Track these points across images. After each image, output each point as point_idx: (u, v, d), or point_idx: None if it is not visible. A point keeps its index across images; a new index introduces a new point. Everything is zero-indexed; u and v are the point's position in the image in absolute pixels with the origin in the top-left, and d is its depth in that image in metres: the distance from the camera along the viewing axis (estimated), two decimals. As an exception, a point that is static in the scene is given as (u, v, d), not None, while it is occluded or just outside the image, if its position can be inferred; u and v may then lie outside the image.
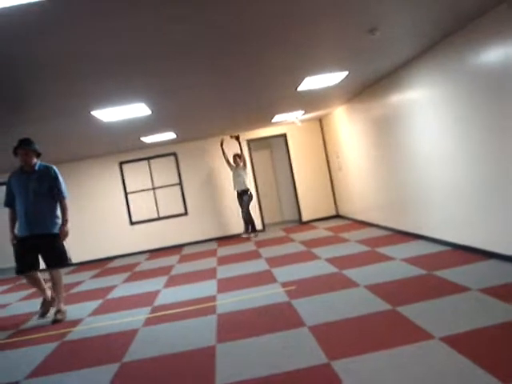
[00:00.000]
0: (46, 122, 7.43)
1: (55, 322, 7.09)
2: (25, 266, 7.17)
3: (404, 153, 8.56)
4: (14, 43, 3.88)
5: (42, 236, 7.13)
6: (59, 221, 7.32)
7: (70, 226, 7.44)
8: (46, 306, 7.53)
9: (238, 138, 12.77)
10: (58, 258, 7.43)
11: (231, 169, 13.04)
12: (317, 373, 3.90)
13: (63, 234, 7.34)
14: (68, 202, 7.41)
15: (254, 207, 13.78)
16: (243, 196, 12.92)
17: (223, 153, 12.97)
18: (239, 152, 12.97)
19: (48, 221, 7.17)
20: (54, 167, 7.28)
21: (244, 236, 13.29)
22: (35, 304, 8.65)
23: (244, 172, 12.83)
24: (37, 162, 7.16)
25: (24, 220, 7.07)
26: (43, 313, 7.49)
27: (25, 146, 6.98)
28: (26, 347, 6.14)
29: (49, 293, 7.53)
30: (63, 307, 7.33)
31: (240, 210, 13.22)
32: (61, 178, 7.29)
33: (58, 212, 7.34)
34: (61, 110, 6.79)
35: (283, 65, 6.28)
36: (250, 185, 13.50)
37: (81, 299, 8.55)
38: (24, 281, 8.04)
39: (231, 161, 13.14)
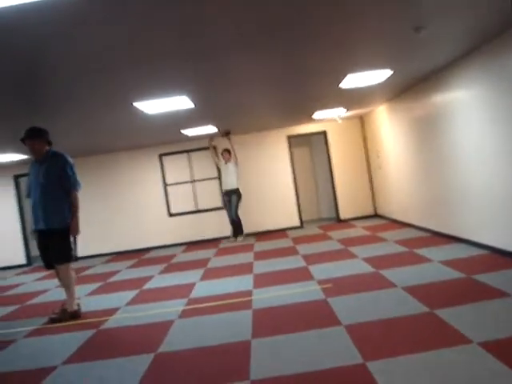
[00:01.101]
0: (90, 113, 7.51)
1: (52, 320, 6.83)
2: (45, 262, 6.93)
3: (444, 154, 8.47)
4: (60, 37, 3.93)
5: (45, 231, 6.78)
6: (67, 215, 6.81)
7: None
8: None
9: (227, 134, 12.71)
10: (59, 254, 6.83)
11: (219, 166, 13.01)
12: (351, 372, 3.89)
13: (72, 231, 6.88)
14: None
15: (291, 202, 13.78)
16: (231, 196, 12.80)
17: (212, 150, 13.00)
18: (229, 147, 12.96)
19: (52, 215, 6.72)
20: (66, 155, 6.86)
21: (230, 240, 13.07)
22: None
23: (234, 170, 12.73)
24: (49, 150, 6.84)
25: (31, 213, 6.86)
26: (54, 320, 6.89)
27: (30, 136, 6.68)
28: (63, 333, 6.24)
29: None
30: (70, 306, 6.88)
31: (226, 211, 13.03)
32: (71, 168, 6.83)
33: (68, 205, 6.83)
34: (104, 102, 6.85)
35: (326, 61, 6.24)
36: (239, 183, 13.26)
37: (117, 289, 8.64)
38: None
39: (220, 158, 13.13)
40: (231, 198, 12.77)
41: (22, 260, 13.77)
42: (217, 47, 4.97)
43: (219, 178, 13.80)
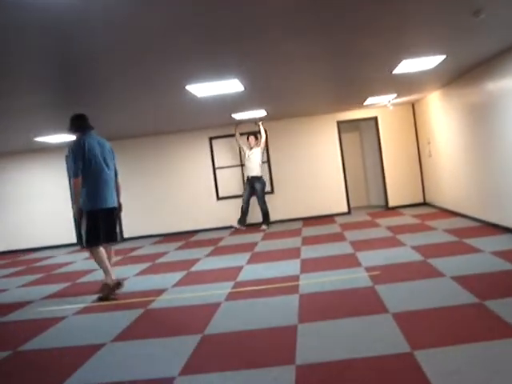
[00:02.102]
0: (144, 96, 7.59)
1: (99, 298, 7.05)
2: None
3: (499, 143, 8.30)
4: (112, 22, 3.96)
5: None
6: (81, 199, 6.96)
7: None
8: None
9: (258, 121, 12.67)
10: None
11: (244, 151, 12.96)
12: (398, 361, 3.86)
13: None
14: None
15: (340, 189, 13.72)
16: (255, 183, 12.73)
17: (237, 136, 13.01)
18: (257, 133, 12.91)
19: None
20: (74, 142, 7.02)
21: (263, 228, 12.99)
22: (123, 270, 8.93)
23: (259, 156, 12.65)
24: (79, 136, 7.03)
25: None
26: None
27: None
28: (112, 312, 6.35)
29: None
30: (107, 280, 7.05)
31: (243, 198, 13.00)
32: (71, 156, 6.96)
33: (85, 190, 6.97)
34: (158, 85, 6.92)
35: (380, 46, 6.16)
36: (263, 171, 13.21)
37: (165, 270, 8.74)
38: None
39: (244, 142, 13.10)
40: (255, 186, 12.73)
41: (72, 239, 14.02)
42: (268, 31, 4.96)
43: (268, 162, 13.80)
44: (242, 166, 13.83)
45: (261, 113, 11.41)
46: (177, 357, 4.51)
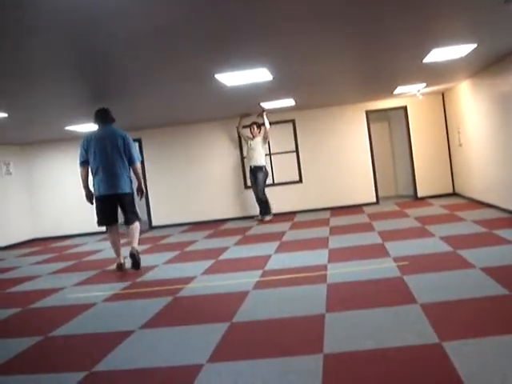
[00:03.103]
0: (173, 85, 7.63)
1: (132, 256, 8.03)
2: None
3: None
4: (139, 11, 3.98)
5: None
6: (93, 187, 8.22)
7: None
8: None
9: (262, 112, 12.58)
10: None
11: (246, 141, 12.93)
12: (427, 352, 3.85)
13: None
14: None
15: (368, 178, 13.67)
16: (257, 173, 12.68)
17: (238, 127, 13.13)
18: (261, 124, 12.82)
19: None
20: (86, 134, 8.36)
21: (258, 219, 13.03)
22: (152, 258, 9.01)
23: (261, 146, 12.62)
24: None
25: None
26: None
27: None
28: (140, 299, 6.41)
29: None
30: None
31: (253, 189, 12.96)
32: (79, 147, 8.30)
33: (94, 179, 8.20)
34: (187, 74, 6.94)
35: (411, 34, 6.10)
36: (266, 160, 13.14)
37: (194, 258, 8.80)
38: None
39: (247, 133, 13.11)
40: (257, 176, 12.68)
41: (102, 227, 14.09)
42: (297, 21, 4.95)
43: (296, 151, 13.80)
44: (270, 155, 13.84)
45: (288, 102, 11.39)
46: (205, 344, 4.55)
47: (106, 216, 8.19)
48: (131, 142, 8.17)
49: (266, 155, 13.51)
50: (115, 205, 8.17)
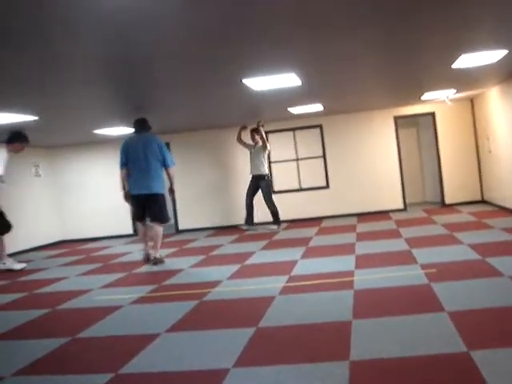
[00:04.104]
0: (199, 90, 7.67)
1: (155, 263, 9.09)
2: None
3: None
4: (169, 14, 4.00)
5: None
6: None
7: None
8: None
9: (258, 125, 12.40)
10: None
11: (249, 149, 12.82)
12: (454, 360, 3.81)
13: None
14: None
15: (396, 185, 13.60)
16: (259, 182, 12.51)
17: (239, 135, 12.96)
18: (258, 129, 12.52)
19: None
20: (125, 140, 9.33)
21: (272, 228, 12.79)
22: (179, 262, 9.06)
23: (262, 154, 12.41)
24: None
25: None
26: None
27: None
28: (166, 303, 6.43)
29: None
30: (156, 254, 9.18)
31: (246, 196, 12.77)
32: (119, 152, 9.22)
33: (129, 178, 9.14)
34: (214, 79, 6.96)
35: (440, 39, 6.06)
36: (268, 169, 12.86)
37: (220, 262, 8.81)
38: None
39: (248, 141, 12.94)
40: (260, 186, 12.53)
41: (129, 230, 14.24)
42: (326, 27, 4.94)
43: (324, 156, 13.77)
44: (298, 160, 13.84)
45: (316, 107, 11.37)
46: (231, 349, 4.55)
47: (139, 213, 9.16)
48: (166, 148, 9.11)
49: (282, 161, 13.57)
50: (147, 204, 8.99)
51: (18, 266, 10.02)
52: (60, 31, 4.18)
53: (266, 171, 12.56)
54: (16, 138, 9.46)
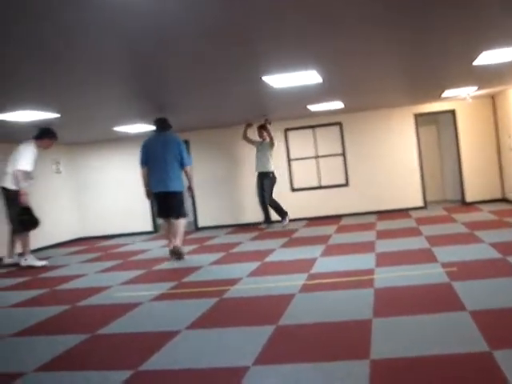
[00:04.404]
0: (219, 87, 7.67)
1: (173, 254, 9.38)
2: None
3: None
4: (190, 12, 4.00)
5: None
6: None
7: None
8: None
9: (265, 122, 12.48)
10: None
11: (255, 146, 12.81)
12: (476, 360, 3.78)
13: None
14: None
15: (416, 182, 13.52)
16: (263, 179, 12.54)
17: (245, 133, 12.93)
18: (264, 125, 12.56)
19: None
20: (146, 139, 9.62)
21: (263, 227, 12.90)
22: (198, 259, 9.07)
23: (267, 150, 12.45)
24: None
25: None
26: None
27: None
28: (186, 300, 6.45)
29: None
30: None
31: (258, 195, 12.80)
32: (140, 151, 9.51)
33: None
34: (233, 76, 6.96)
35: (461, 36, 6.00)
36: (273, 166, 12.81)
37: (240, 259, 8.83)
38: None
39: (255, 137, 12.91)
40: (263, 182, 12.58)
41: (149, 227, 14.28)
42: (348, 25, 4.92)
43: (343, 154, 13.73)
44: (317, 157, 13.81)
45: (336, 104, 11.33)
46: (251, 346, 4.55)
47: (161, 210, 9.42)
48: (183, 147, 9.29)
49: (302, 159, 13.59)
50: (167, 201, 9.21)
51: (39, 263, 10.10)
52: (82, 32, 4.19)
53: (272, 168, 12.61)
54: (45, 134, 9.73)
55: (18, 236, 9.98)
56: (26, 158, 9.53)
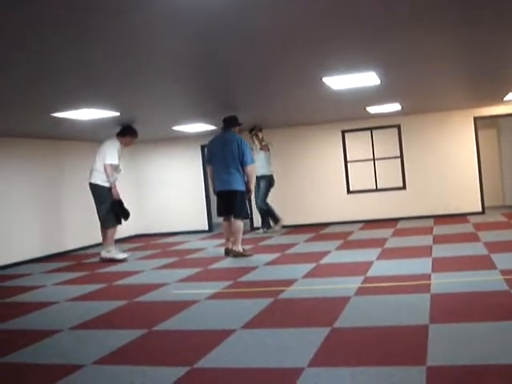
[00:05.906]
0: (279, 88, 7.71)
1: (235, 256, 9.56)
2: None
3: None
4: (253, 13, 4.04)
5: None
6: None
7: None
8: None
9: (256, 131, 12.61)
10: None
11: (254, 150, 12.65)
12: (536, 370, 3.71)
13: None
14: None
15: (474, 187, 13.29)
16: (260, 182, 12.57)
17: (252, 138, 12.90)
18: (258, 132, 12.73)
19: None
20: (211, 139, 9.80)
21: (259, 232, 13.09)
22: (254, 259, 9.15)
23: (264, 155, 12.58)
24: None
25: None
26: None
27: None
28: (242, 299, 6.48)
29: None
30: (237, 248, 9.61)
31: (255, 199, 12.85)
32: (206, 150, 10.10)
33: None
34: (294, 77, 6.99)
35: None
36: (272, 170, 13.05)
37: (295, 260, 8.83)
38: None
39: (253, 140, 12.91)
40: (260, 184, 12.64)
41: (205, 226, 14.41)
42: (409, 28, 4.90)
43: (401, 157, 13.61)
44: (374, 160, 13.72)
45: (394, 107, 11.25)
46: (306, 348, 4.55)
47: (221, 208, 9.55)
48: (245, 146, 9.36)
49: (359, 161, 13.50)
50: (228, 200, 9.36)
51: (121, 256, 10.35)
52: (146, 30, 4.27)
53: (268, 172, 12.83)
54: (128, 131, 10.07)
55: (108, 229, 10.32)
56: (112, 152, 9.95)
